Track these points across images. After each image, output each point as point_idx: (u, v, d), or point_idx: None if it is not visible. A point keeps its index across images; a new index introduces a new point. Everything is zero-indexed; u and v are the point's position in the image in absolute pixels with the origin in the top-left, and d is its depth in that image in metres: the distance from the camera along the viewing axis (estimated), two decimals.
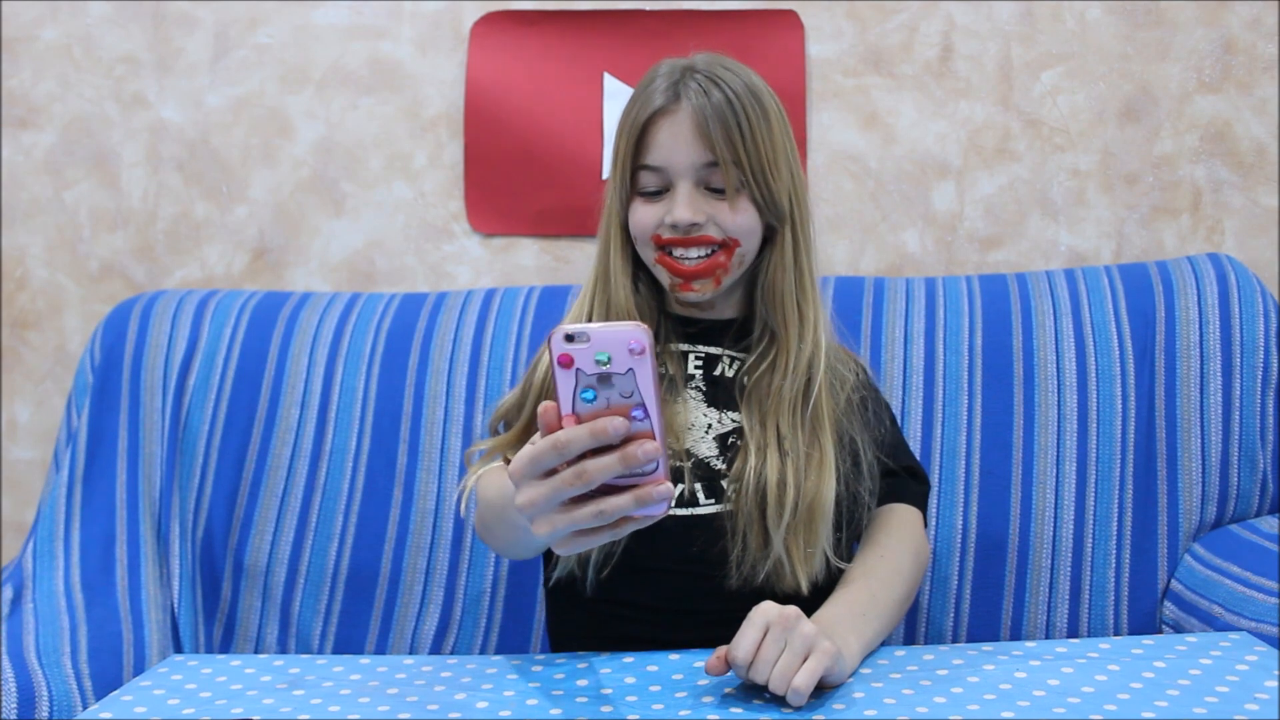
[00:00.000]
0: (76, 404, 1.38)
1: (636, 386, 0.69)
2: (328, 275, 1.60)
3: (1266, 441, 1.27)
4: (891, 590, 0.96)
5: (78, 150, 1.60)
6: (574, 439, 0.69)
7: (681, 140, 0.98)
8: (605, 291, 1.04)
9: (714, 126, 0.97)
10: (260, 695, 0.89)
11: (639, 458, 0.69)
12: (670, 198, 1.00)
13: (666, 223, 0.99)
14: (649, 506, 0.70)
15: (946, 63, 1.55)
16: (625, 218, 1.03)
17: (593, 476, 0.69)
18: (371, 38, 1.59)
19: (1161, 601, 1.24)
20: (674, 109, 0.98)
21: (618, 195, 1.03)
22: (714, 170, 0.99)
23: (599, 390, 0.70)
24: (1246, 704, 0.78)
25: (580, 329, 0.69)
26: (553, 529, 0.72)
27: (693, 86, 0.98)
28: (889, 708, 0.80)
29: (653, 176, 1.00)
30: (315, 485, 1.33)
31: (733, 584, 0.95)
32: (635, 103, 1.01)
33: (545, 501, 0.71)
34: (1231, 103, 1.53)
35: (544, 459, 0.70)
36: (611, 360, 0.69)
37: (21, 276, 1.61)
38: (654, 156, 0.99)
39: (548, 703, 0.85)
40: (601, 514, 0.70)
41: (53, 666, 1.05)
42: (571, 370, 0.69)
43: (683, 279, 1.01)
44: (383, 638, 1.29)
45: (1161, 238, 1.54)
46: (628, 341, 0.68)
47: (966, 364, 1.31)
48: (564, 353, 0.69)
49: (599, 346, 0.69)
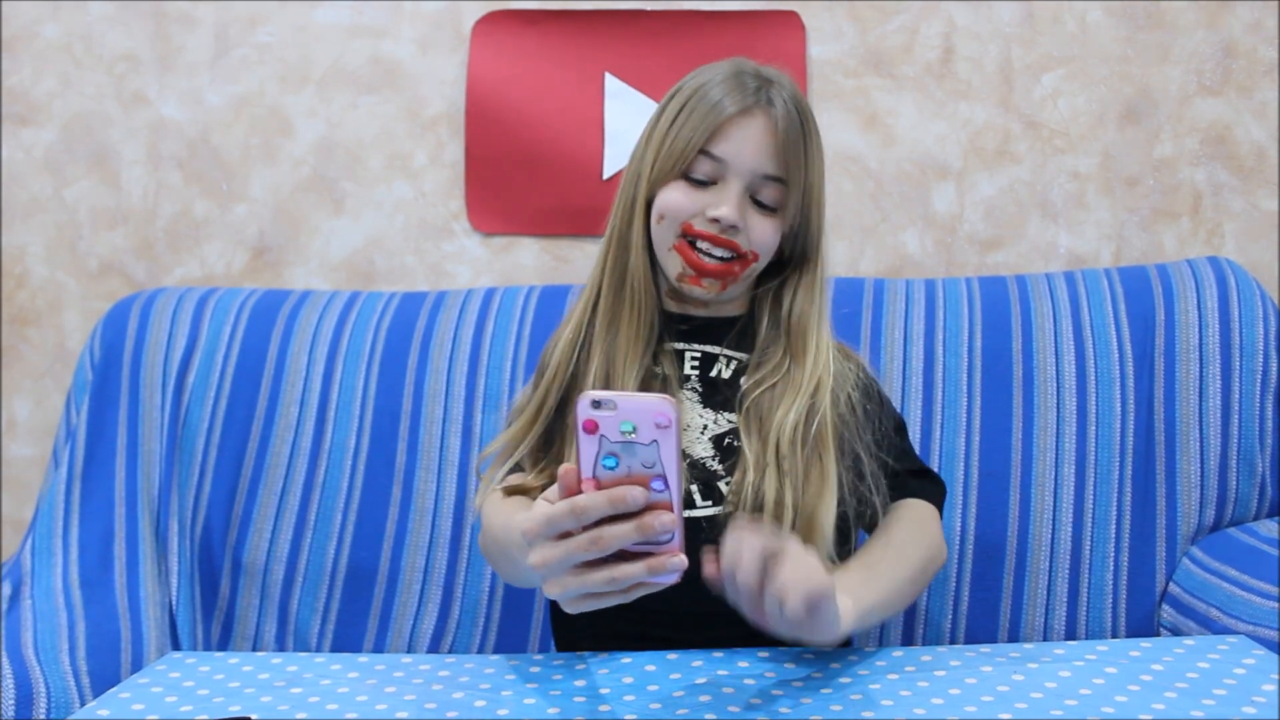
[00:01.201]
0: (76, 401, 1.38)
1: (659, 458, 0.70)
2: (327, 274, 1.60)
3: (1265, 445, 1.27)
4: (893, 570, 0.94)
5: (78, 148, 1.60)
6: (592, 505, 0.69)
7: (754, 144, 0.98)
8: (622, 260, 1.02)
9: (791, 145, 0.98)
10: (258, 693, 0.89)
11: (655, 529, 0.70)
12: (716, 191, 0.99)
13: (708, 215, 0.98)
14: (661, 575, 0.71)
15: (947, 64, 1.56)
16: (654, 192, 1.00)
17: (608, 543, 0.70)
18: (372, 37, 1.59)
19: (1159, 604, 1.24)
20: (758, 111, 0.98)
21: (657, 168, 1.00)
22: (769, 184, 0.99)
23: (621, 458, 0.70)
24: (1244, 707, 0.78)
25: (608, 397, 0.69)
26: (564, 590, 0.73)
27: (777, 97, 0.99)
28: (886, 709, 0.80)
29: (710, 165, 0.99)
30: (314, 483, 1.33)
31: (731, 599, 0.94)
32: (715, 87, 0.99)
33: (558, 563, 0.72)
34: (1232, 106, 1.53)
35: (560, 522, 0.71)
36: (637, 430, 0.69)
37: (21, 274, 1.61)
38: (721, 148, 0.98)
39: (545, 702, 0.85)
40: (614, 580, 0.71)
41: (51, 664, 1.05)
42: (595, 436, 0.70)
43: (696, 272, 1.00)
44: (381, 636, 1.29)
45: (1161, 241, 1.54)
46: (654, 415, 0.69)
47: (966, 366, 1.31)
48: (589, 418, 0.69)
49: (625, 415, 0.69)
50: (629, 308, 1.01)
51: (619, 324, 1.01)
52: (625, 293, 1.01)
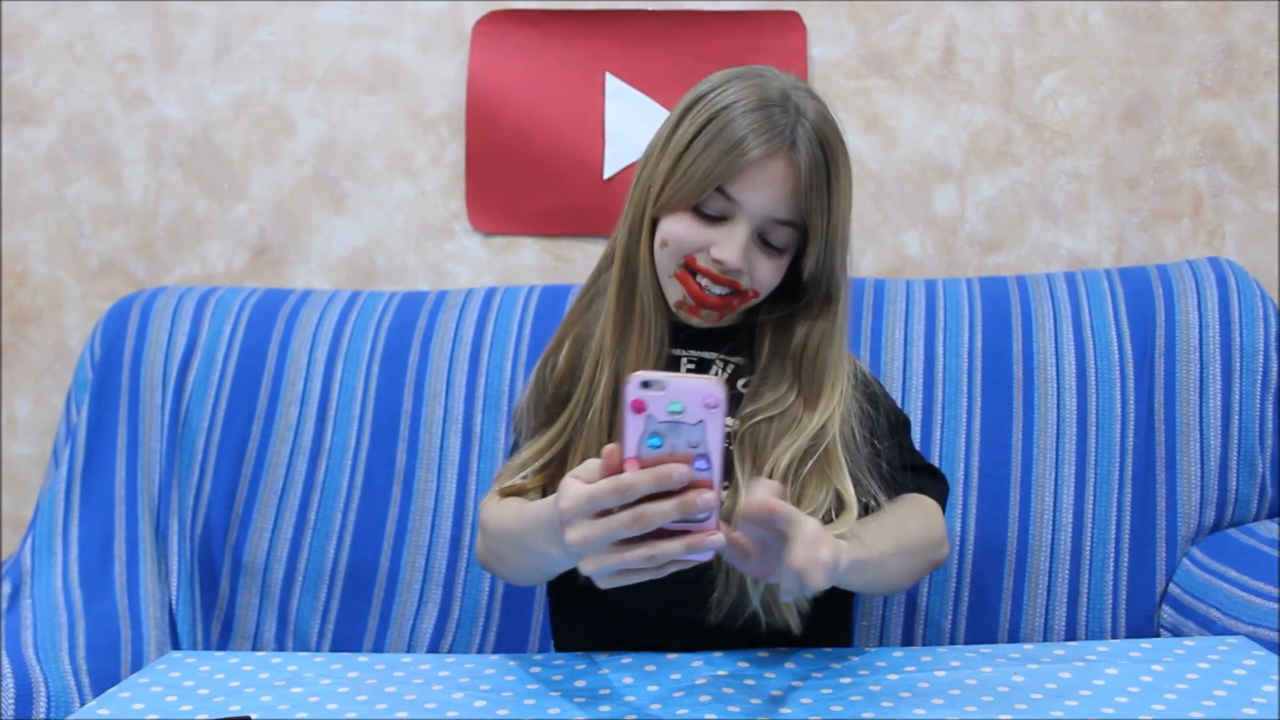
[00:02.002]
0: (76, 400, 1.38)
1: (705, 438, 0.71)
2: (328, 273, 1.60)
3: (1265, 446, 1.27)
4: (889, 534, 0.92)
5: (79, 147, 1.60)
6: (639, 482, 0.70)
7: (772, 190, 0.93)
8: (632, 274, 0.99)
9: (812, 191, 0.93)
10: (258, 692, 0.89)
11: (697, 505, 0.70)
12: (724, 231, 0.95)
13: (713, 255, 0.94)
14: (699, 553, 0.72)
15: (948, 65, 1.56)
16: (659, 214, 0.97)
17: (650, 520, 0.71)
18: (373, 36, 1.59)
19: (1160, 605, 1.24)
20: (778, 155, 0.92)
21: (669, 192, 0.95)
22: (780, 228, 0.95)
23: (666, 438, 0.71)
24: (1244, 708, 0.78)
25: (658, 377, 0.70)
26: (601, 566, 0.73)
27: (803, 136, 0.92)
28: (886, 709, 0.80)
29: (722, 203, 0.94)
30: (314, 483, 1.33)
31: (712, 620, 0.92)
32: (740, 120, 0.92)
33: (598, 540, 0.72)
34: (1233, 107, 1.54)
35: (603, 499, 0.71)
36: (685, 410, 0.70)
37: (22, 272, 1.61)
38: (737, 189, 0.93)
39: (545, 702, 0.85)
40: (653, 558, 0.72)
41: (50, 663, 1.04)
42: (643, 416, 0.71)
43: (695, 303, 0.97)
44: (381, 636, 1.29)
45: (1162, 242, 1.54)
46: (704, 396, 0.70)
47: (966, 366, 1.31)
48: (638, 398, 0.70)
49: (674, 396, 0.70)
50: (638, 322, 0.99)
51: (629, 339, 0.99)
52: (635, 308, 0.99)
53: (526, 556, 0.92)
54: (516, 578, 1.02)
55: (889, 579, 0.96)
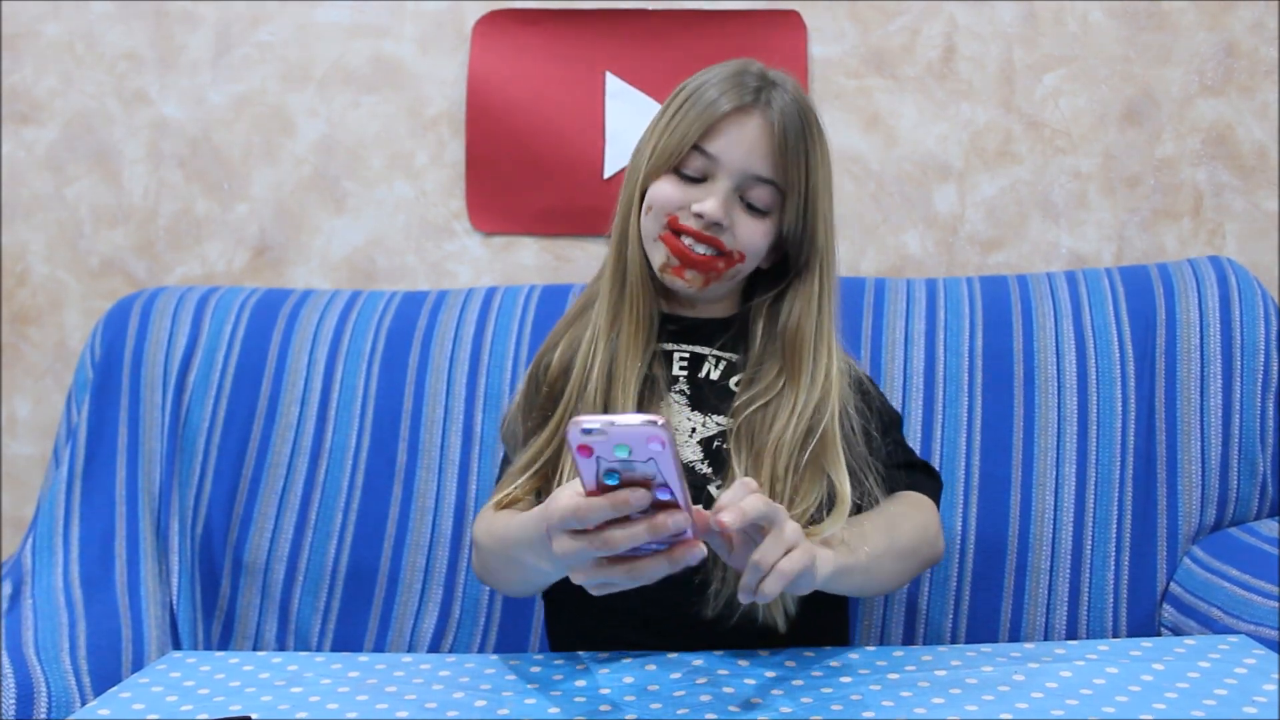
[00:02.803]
0: (76, 400, 1.38)
1: (659, 472, 0.70)
2: (328, 273, 1.60)
3: (1266, 445, 1.27)
4: (879, 535, 0.92)
5: (79, 146, 1.60)
6: (593, 509, 0.71)
7: (748, 144, 0.97)
8: (622, 254, 1.01)
9: (789, 149, 0.96)
10: (259, 692, 0.89)
11: (669, 528, 0.71)
12: (705, 188, 0.98)
13: (692, 210, 0.97)
14: (683, 564, 0.74)
15: (948, 64, 1.56)
16: (646, 186, 1.00)
17: (619, 543, 0.72)
18: (373, 36, 1.59)
19: (1160, 604, 1.24)
20: (754, 110, 0.97)
21: (652, 161, 0.99)
22: (761, 186, 0.98)
23: (622, 473, 0.71)
24: (1245, 707, 0.78)
25: (597, 423, 0.68)
26: (586, 578, 0.76)
27: (777, 99, 0.97)
28: (887, 709, 0.80)
29: (701, 162, 0.98)
30: (315, 483, 1.33)
31: (709, 613, 0.93)
32: (714, 85, 0.98)
33: (578, 555, 0.74)
34: (1233, 106, 1.53)
35: (570, 522, 0.72)
36: (632, 453, 0.69)
37: (22, 272, 1.61)
38: (714, 145, 0.97)
39: (546, 702, 0.85)
40: (634, 575, 0.74)
41: (51, 663, 1.05)
42: (592, 458, 0.70)
43: (680, 262, 0.99)
44: (381, 636, 1.29)
45: (1163, 241, 1.54)
46: (647, 440, 0.68)
47: (967, 366, 1.31)
48: (583, 444, 0.69)
49: (618, 440, 0.68)
50: (629, 304, 1.00)
51: (621, 321, 1.00)
52: (626, 289, 1.01)
53: (518, 570, 0.93)
54: (512, 589, 1.03)
55: (881, 581, 0.96)
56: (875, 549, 0.91)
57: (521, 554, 0.87)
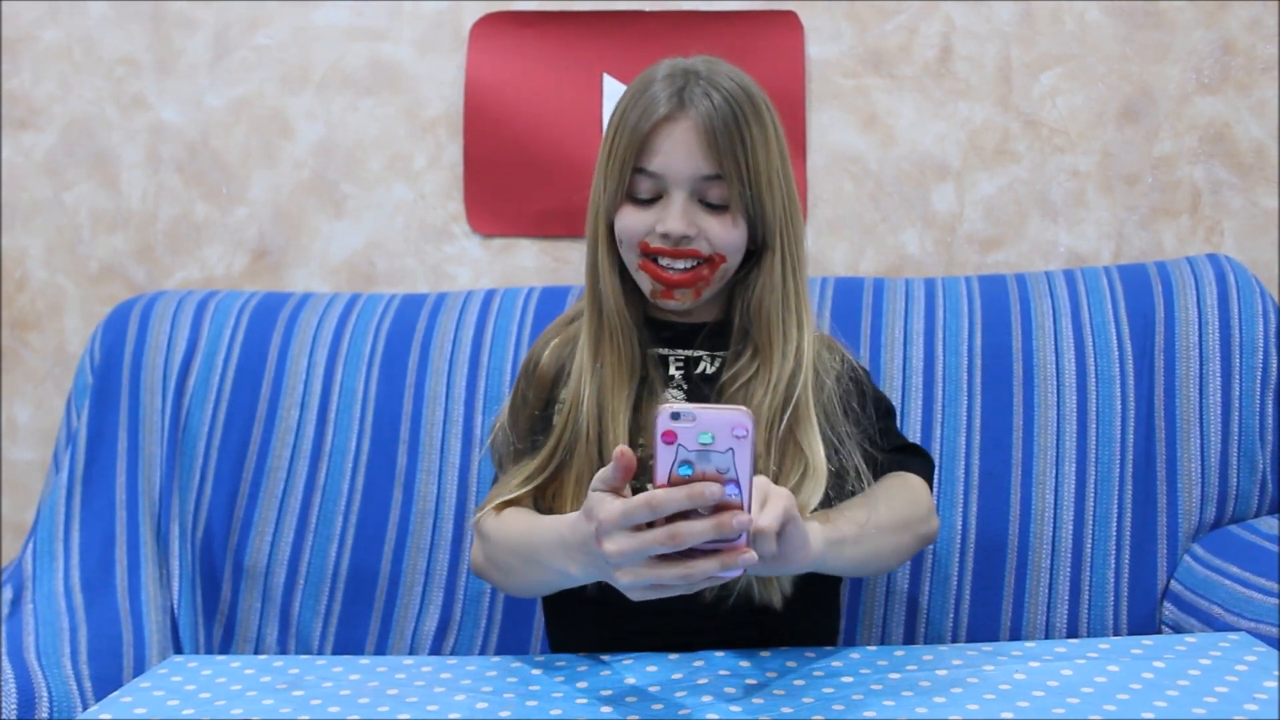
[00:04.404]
0: (76, 405, 1.38)
1: (734, 464, 0.72)
2: (327, 276, 1.60)
3: (1266, 442, 1.27)
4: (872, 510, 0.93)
5: (77, 151, 1.60)
6: (670, 499, 0.72)
7: (683, 150, 0.96)
8: (595, 288, 1.02)
9: (720, 138, 0.95)
10: (260, 696, 0.89)
11: (732, 527, 0.72)
12: (662, 206, 0.98)
13: (658, 231, 0.97)
14: (731, 570, 0.74)
15: (946, 64, 1.56)
16: (611, 218, 1.01)
17: (684, 539, 0.72)
18: (371, 39, 1.59)
19: (1161, 602, 1.24)
20: (678, 116, 0.96)
21: (607, 195, 1.00)
22: (712, 183, 0.97)
23: (696, 465, 0.73)
24: (1246, 704, 0.78)
25: (687, 409, 0.72)
26: (635, 579, 0.75)
27: (698, 93, 0.96)
28: (888, 708, 0.80)
29: (648, 182, 0.98)
30: (315, 486, 1.33)
31: (707, 597, 0.92)
32: (635, 105, 0.98)
33: (633, 553, 0.74)
34: (1231, 104, 1.54)
35: (636, 514, 0.73)
36: (715, 440, 0.72)
37: (21, 277, 1.61)
38: (653, 163, 0.97)
39: (547, 703, 0.85)
40: (688, 576, 0.74)
41: (52, 667, 1.05)
42: (674, 445, 0.72)
43: (665, 286, 0.99)
44: (382, 638, 1.29)
45: (1161, 239, 1.54)
46: (733, 427, 0.72)
47: (966, 365, 1.31)
48: (669, 429, 0.72)
49: (704, 427, 0.72)
50: (609, 337, 1.00)
51: (603, 354, 1.00)
52: (604, 321, 1.01)
53: (537, 570, 0.92)
54: (519, 590, 1.02)
55: (877, 557, 0.96)
56: (865, 521, 0.92)
57: (548, 557, 0.87)
